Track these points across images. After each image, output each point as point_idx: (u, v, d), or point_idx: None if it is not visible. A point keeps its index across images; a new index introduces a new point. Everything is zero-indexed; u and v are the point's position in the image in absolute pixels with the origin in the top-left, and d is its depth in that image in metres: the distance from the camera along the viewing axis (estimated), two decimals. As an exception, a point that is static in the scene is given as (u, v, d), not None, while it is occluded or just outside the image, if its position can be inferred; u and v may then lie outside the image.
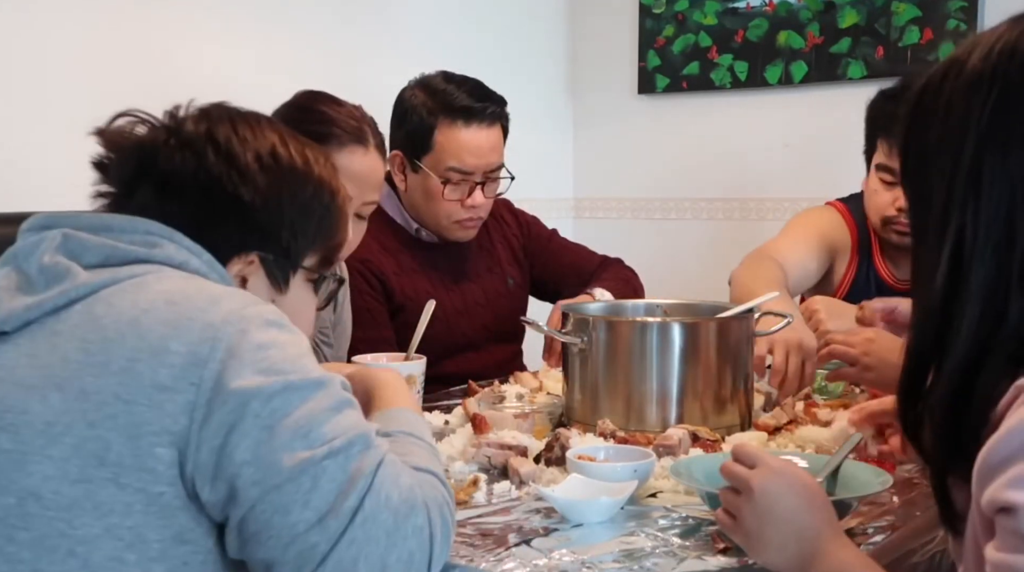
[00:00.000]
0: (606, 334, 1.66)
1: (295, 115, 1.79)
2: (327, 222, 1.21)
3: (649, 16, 3.41)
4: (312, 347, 1.91)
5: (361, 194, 1.76)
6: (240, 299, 1.02)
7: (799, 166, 3.18)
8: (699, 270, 3.32)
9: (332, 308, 2.00)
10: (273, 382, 0.97)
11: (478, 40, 3.17)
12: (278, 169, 1.15)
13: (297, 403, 0.98)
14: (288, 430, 0.97)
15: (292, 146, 1.18)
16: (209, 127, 1.14)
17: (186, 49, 2.38)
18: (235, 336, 0.98)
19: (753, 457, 1.09)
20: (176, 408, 0.96)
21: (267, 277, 1.16)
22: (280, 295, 1.18)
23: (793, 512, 1.04)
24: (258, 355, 0.98)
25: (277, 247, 1.16)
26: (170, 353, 0.97)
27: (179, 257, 1.07)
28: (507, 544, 1.18)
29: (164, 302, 1.00)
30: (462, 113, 2.18)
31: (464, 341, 2.29)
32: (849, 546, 1.03)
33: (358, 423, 1.02)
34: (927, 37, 2.92)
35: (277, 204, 1.14)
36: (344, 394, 1.04)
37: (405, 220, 2.30)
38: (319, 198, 1.19)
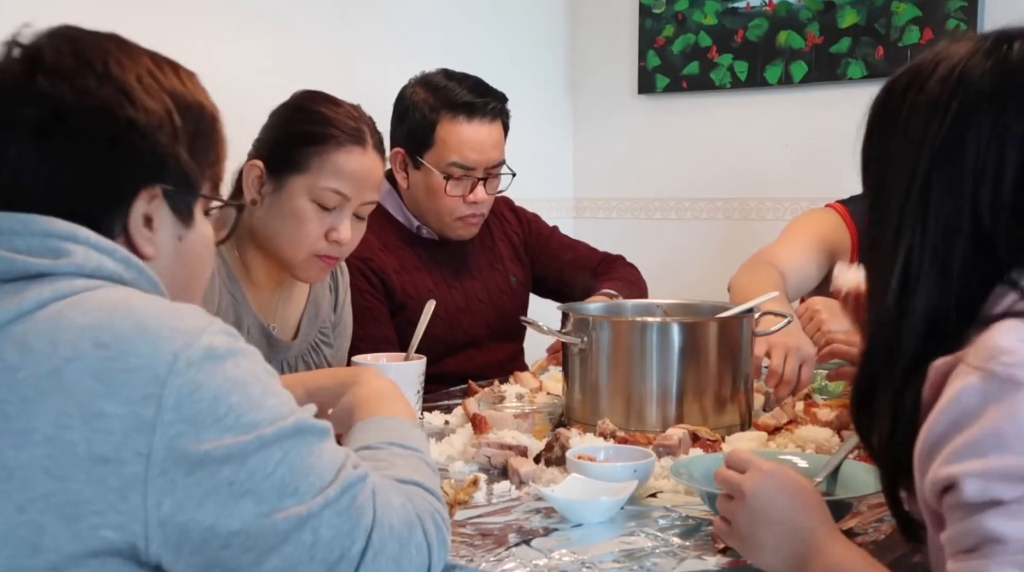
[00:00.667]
0: (606, 334, 1.66)
1: (292, 115, 1.80)
2: (212, 147, 1.08)
3: (649, 16, 3.41)
4: (312, 347, 1.93)
5: (360, 194, 1.76)
6: (180, 325, 0.88)
7: (799, 166, 3.18)
8: (699, 270, 3.32)
9: (333, 307, 2.00)
10: (246, 441, 0.86)
11: (478, 40, 3.17)
12: (161, 90, 1.01)
13: (277, 458, 0.88)
14: (274, 491, 0.87)
15: (165, 66, 1.05)
16: (76, 50, 0.98)
17: (185, 48, 2.36)
18: (186, 389, 0.85)
19: (744, 461, 1.09)
20: (121, 482, 0.83)
21: (172, 211, 1.02)
22: (187, 230, 1.04)
23: (786, 512, 1.04)
24: (219, 409, 0.86)
25: (178, 175, 1.01)
26: (106, 417, 0.83)
27: (90, 264, 0.92)
28: (507, 544, 1.18)
29: (90, 345, 0.85)
30: (464, 108, 2.19)
31: (466, 339, 2.29)
32: (844, 542, 1.03)
33: (339, 458, 0.94)
34: (927, 37, 2.92)
35: (171, 130, 1.00)
36: (319, 425, 0.94)
37: (406, 218, 2.30)
38: (203, 120, 1.06)
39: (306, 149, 1.73)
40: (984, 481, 0.82)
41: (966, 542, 0.85)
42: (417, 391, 1.78)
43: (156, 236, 1.01)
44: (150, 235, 1.00)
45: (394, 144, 2.26)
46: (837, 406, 1.73)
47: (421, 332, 1.83)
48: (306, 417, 0.93)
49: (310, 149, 1.73)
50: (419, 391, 1.79)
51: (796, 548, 1.02)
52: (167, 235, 1.02)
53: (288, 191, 1.75)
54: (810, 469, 1.31)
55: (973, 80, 0.95)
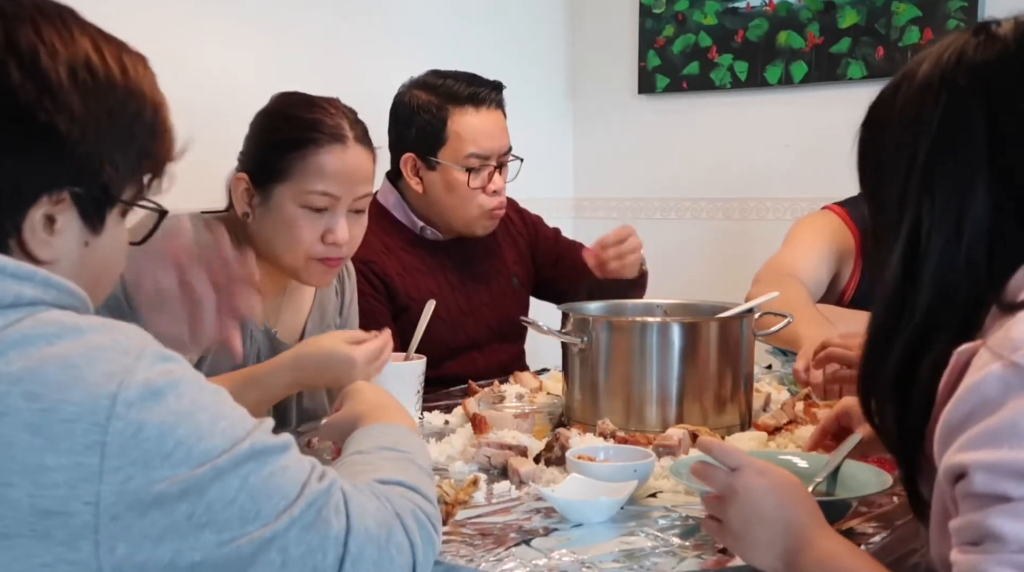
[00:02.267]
0: (606, 334, 1.66)
1: (267, 123, 1.77)
2: (151, 144, 0.99)
3: (649, 16, 3.41)
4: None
5: (350, 190, 1.73)
6: (111, 367, 0.83)
7: (799, 166, 3.18)
8: (699, 270, 3.32)
9: (339, 310, 1.99)
10: (200, 474, 0.83)
11: (478, 40, 3.17)
12: (95, 85, 0.93)
13: (236, 485, 0.85)
14: (235, 519, 0.85)
15: (108, 53, 0.96)
16: (6, 31, 0.90)
17: (184, 48, 2.38)
18: (128, 432, 0.81)
19: (735, 458, 1.09)
20: (69, 534, 0.80)
21: (80, 216, 0.94)
22: (94, 236, 0.96)
23: (777, 509, 1.04)
24: (166, 445, 0.82)
25: (94, 181, 0.94)
26: (47, 470, 0.79)
27: (8, 296, 0.86)
28: (507, 544, 1.18)
29: (22, 397, 0.80)
30: (470, 99, 2.21)
31: (468, 341, 2.29)
32: (835, 537, 1.04)
33: (303, 472, 0.91)
34: (927, 37, 2.92)
35: (95, 132, 0.92)
36: (277, 442, 0.91)
37: (409, 219, 2.29)
38: (142, 117, 0.98)
39: (286, 156, 1.71)
40: (993, 474, 0.82)
41: (969, 535, 0.85)
42: (417, 391, 1.78)
43: (56, 239, 0.93)
44: (48, 238, 0.93)
45: (401, 151, 2.26)
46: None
47: (421, 332, 1.83)
48: (262, 437, 0.90)
49: (290, 155, 1.71)
50: (419, 391, 1.79)
51: (788, 543, 1.02)
52: (71, 239, 0.95)
53: (276, 201, 1.73)
54: (810, 469, 1.31)
55: (965, 55, 0.98)
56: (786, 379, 2.00)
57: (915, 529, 1.26)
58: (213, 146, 2.22)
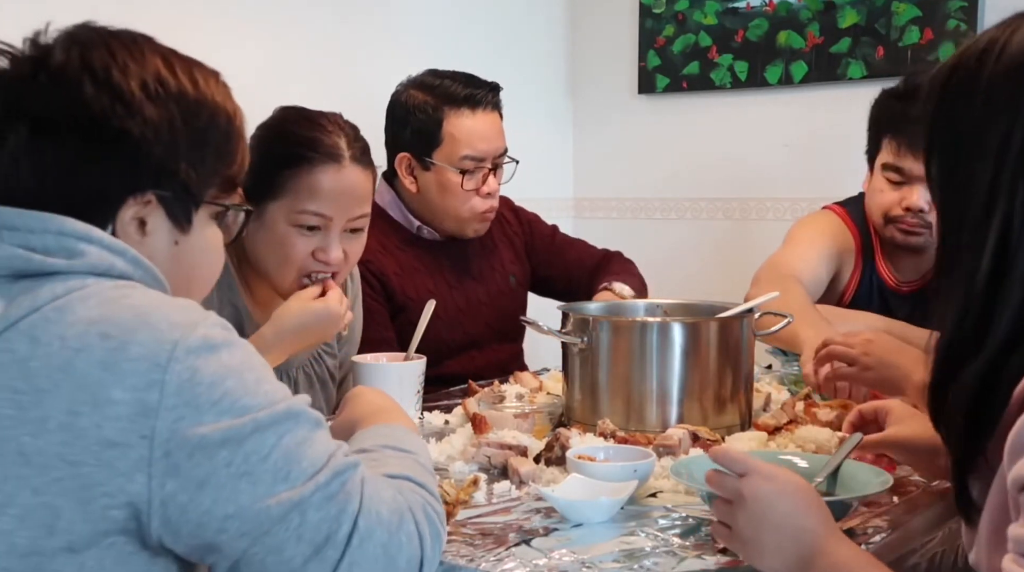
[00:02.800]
0: (606, 334, 1.66)
1: (266, 138, 1.75)
2: (226, 149, 1.09)
3: (649, 16, 3.41)
4: (314, 358, 1.90)
5: (343, 210, 1.71)
6: (178, 318, 0.92)
7: (799, 166, 3.18)
8: (699, 270, 3.32)
9: None
10: (241, 425, 0.90)
11: (478, 40, 3.17)
12: (167, 97, 1.02)
13: (272, 441, 0.92)
14: (268, 474, 0.91)
15: (179, 68, 1.05)
16: (83, 54, 1.00)
17: (185, 47, 2.38)
18: (185, 375, 0.89)
19: (742, 464, 1.08)
20: (129, 465, 0.87)
21: (167, 216, 1.05)
22: (183, 235, 1.06)
23: (787, 515, 1.03)
24: (215, 393, 0.90)
25: (175, 183, 1.03)
26: (113, 403, 0.87)
27: (103, 264, 0.97)
28: (507, 544, 1.18)
29: (97, 336, 0.89)
30: (466, 101, 2.20)
31: (467, 340, 2.29)
32: (847, 543, 1.03)
33: (332, 444, 0.98)
34: (927, 37, 2.92)
35: (170, 136, 1.02)
36: (312, 414, 0.98)
37: (406, 218, 2.29)
38: (215, 124, 1.07)
39: (280, 174, 1.70)
40: None
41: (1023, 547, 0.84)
42: (417, 391, 1.78)
43: (149, 239, 1.04)
44: (140, 239, 1.03)
45: (396, 150, 2.26)
46: (837, 406, 1.73)
47: (421, 332, 1.83)
48: (298, 403, 0.96)
49: (284, 173, 1.69)
50: (419, 391, 1.79)
51: (800, 550, 1.02)
52: (162, 239, 1.05)
53: (268, 218, 1.71)
54: (810, 469, 1.31)
55: None
56: (786, 379, 2.00)
57: (915, 529, 1.26)
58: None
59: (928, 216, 2.14)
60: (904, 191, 2.16)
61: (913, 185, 2.13)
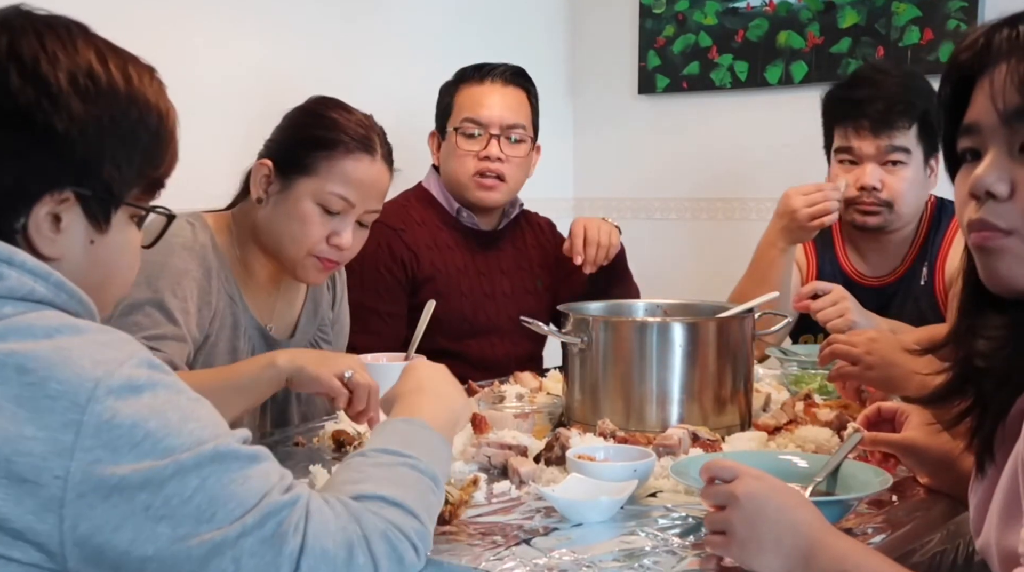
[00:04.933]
0: (606, 334, 1.66)
1: (305, 119, 1.81)
2: (155, 150, 1.04)
3: (649, 16, 3.41)
4: (311, 345, 1.93)
5: (365, 201, 1.78)
6: (102, 357, 0.89)
7: (799, 166, 3.18)
8: (698, 270, 3.32)
9: (331, 305, 2.00)
10: (162, 467, 0.87)
11: (478, 40, 3.17)
12: (97, 92, 0.98)
13: (195, 484, 0.88)
14: (189, 517, 0.87)
15: (112, 63, 1.01)
16: (12, 42, 0.96)
17: (185, 47, 2.38)
18: (105, 416, 0.86)
19: (731, 470, 1.09)
20: (38, 504, 0.84)
21: (85, 215, 1.00)
22: (100, 235, 1.01)
23: (781, 509, 1.04)
24: (136, 435, 0.87)
25: (97, 181, 0.99)
26: (25, 439, 0.84)
27: (22, 288, 0.93)
28: (507, 544, 1.18)
29: (14, 369, 0.86)
30: (475, 72, 2.37)
31: (488, 324, 2.37)
32: (844, 536, 1.04)
33: (266, 484, 0.92)
34: (927, 37, 2.92)
35: (97, 134, 0.98)
36: (245, 452, 0.93)
37: (447, 200, 2.40)
38: (145, 123, 1.02)
39: (315, 153, 1.75)
40: None
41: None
42: (417, 391, 1.78)
43: (62, 237, 0.99)
44: (53, 236, 0.99)
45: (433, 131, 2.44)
46: (837, 406, 1.73)
47: (421, 332, 1.83)
48: (229, 443, 0.92)
49: (319, 153, 1.75)
50: (419, 391, 1.79)
51: (798, 542, 1.02)
52: (76, 238, 1.00)
53: (295, 193, 1.76)
54: (810, 469, 1.31)
55: None
56: (786, 379, 2.00)
57: (915, 529, 1.26)
58: (213, 148, 2.23)
59: (882, 194, 2.24)
60: (857, 171, 2.26)
61: (864, 164, 2.25)
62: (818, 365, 1.82)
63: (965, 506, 1.13)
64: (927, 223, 2.35)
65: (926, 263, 2.33)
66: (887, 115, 2.21)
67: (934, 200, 2.38)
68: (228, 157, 1.85)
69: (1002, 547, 0.93)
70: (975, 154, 1.00)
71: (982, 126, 0.98)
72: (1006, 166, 0.96)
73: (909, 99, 2.21)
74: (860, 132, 2.24)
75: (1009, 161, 0.96)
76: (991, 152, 0.97)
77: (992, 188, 0.96)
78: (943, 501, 1.34)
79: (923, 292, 2.32)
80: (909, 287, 2.33)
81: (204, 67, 2.43)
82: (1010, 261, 0.96)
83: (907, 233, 2.34)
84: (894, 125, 2.21)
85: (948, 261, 2.30)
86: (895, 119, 2.21)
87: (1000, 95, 0.96)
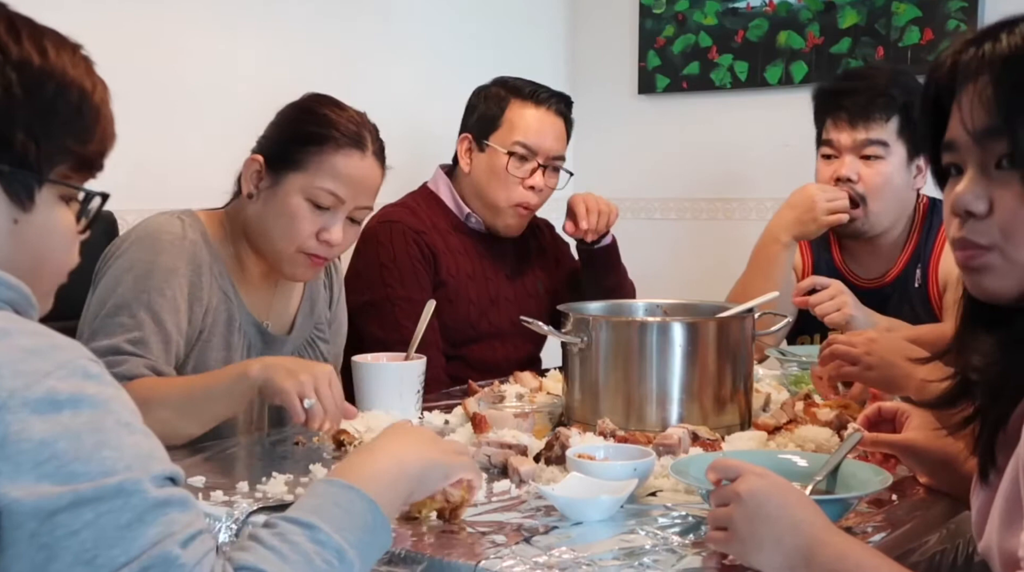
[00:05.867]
0: (606, 334, 1.66)
1: (296, 115, 1.82)
2: (79, 124, 1.00)
3: (649, 16, 3.41)
4: (308, 343, 1.93)
5: (355, 197, 1.78)
6: (25, 367, 0.85)
7: (799, 166, 3.18)
8: (698, 270, 3.32)
9: (328, 304, 2.00)
10: (58, 494, 0.82)
11: (478, 40, 3.17)
12: (5, 62, 0.95)
13: (88, 518, 0.82)
14: (69, 554, 0.82)
15: (26, 35, 0.97)
16: None
17: (186, 47, 2.38)
18: (14, 426, 0.81)
19: (735, 468, 1.10)
20: None
21: (4, 192, 0.96)
22: (25, 214, 0.97)
23: (781, 507, 1.05)
24: (41, 453, 0.82)
25: (12, 155, 0.95)
26: None
27: None
28: (507, 542, 1.18)
29: None
30: (532, 96, 2.35)
31: (491, 330, 2.37)
32: (844, 535, 1.05)
33: (163, 533, 0.85)
34: (927, 37, 2.92)
35: (7, 99, 0.94)
36: (153, 497, 0.86)
37: (457, 205, 2.39)
38: (64, 96, 0.98)
39: (306, 148, 1.75)
40: None
41: None
42: (417, 391, 1.79)
43: None
44: None
45: (463, 132, 2.39)
46: (837, 406, 1.73)
47: (421, 332, 1.84)
48: (139, 479, 0.86)
49: (310, 149, 1.75)
50: (419, 391, 1.79)
51: (798, 541, 1.02)
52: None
53: (285, 188, 1.76)
54: (810, 468, 1.31)
55: None
56: (786, 379, 2.00)
57: (915, 529, 1.26)
58: (213, 149, 2.23)
59: (858, 187, 2.26)
60: (835, 164, 2.30)
61: (843, 156, 2.29)
62: (818, 365, 1.82)
63: (965, 506, 1.14)
64: (920, 225, 2.35)
65: (919, 265, 2.33)
66: (866, 107, 2.23)
67: (927, 201, 2.37)
68: (228, 158, 1.85)
69: (1003, 550, 0.93)
70: (959, 169, 1.02)
71: (958, 144, 1.00)
72: (983, 184, 0.98)
73: (890, 93, 2.22)
74: (839, 124, 2.28)
75: (985, 179, 0.99)
76: (968, 170, 1.00)
77: (970, 206, 0.99)
78: (943, 500, 1.34)
79: (917, 294, 2.32)
80: (904, 289, 2.33)
81: (204, 68, 2.43)
82: (994, 276, 1.00)
83: (899, 235, 2.34)
84: (871, 117, 2.23)
85: (941, 263, 2.30)
86: (873, 111, 2.23)
87: (968, 116, 0.98)
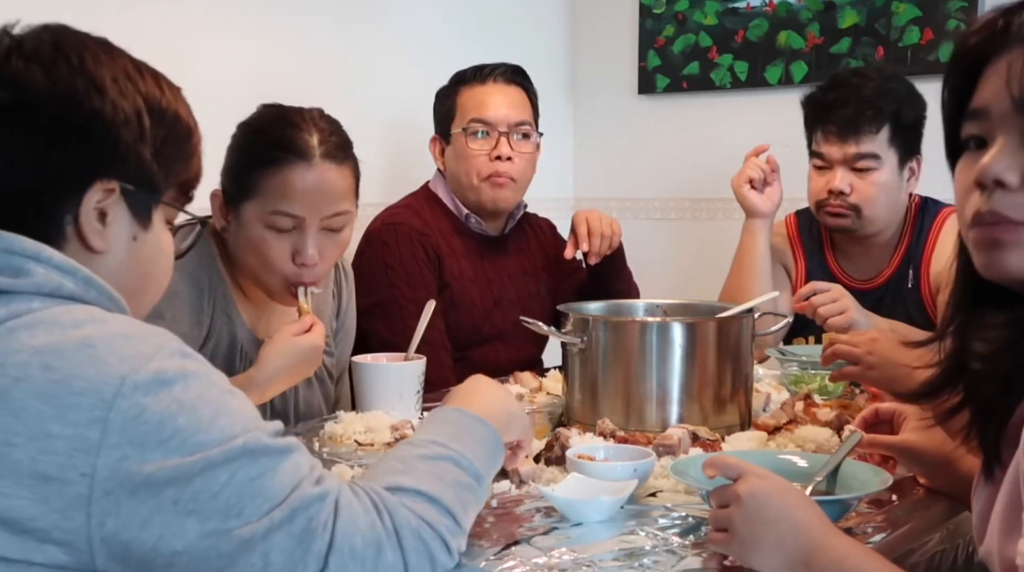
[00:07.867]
0: (606, 334, 1.66)
1: (240, 138, 1.75)
2: (185, 153, 1.10)
3: (649, 16, 3.41)
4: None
5: (315, 209, 1.67)
6: (129, 351, 0.89)
7: (799, 166, 3.18)
8: (698, 270, 3.32)
9: (335, 313, 1.98)
10: (191, 463, 0.87)
11: (478, 40, 3.17)
12: (136, 92, 1.03)
13: (224, 479, 0.88)
14: (217, 512, 0.87)
15: (147, 73, 1.07)
16: (56, 41, 1.01)
17: (186, 47, 2.38)
18: (132, 412, 0.86)
19: (736, 468, 1.09)
20: (65, 503, 0.84)
21: (129, 210, 1.03)
22: (143, 231, 1.05)
23: (783, 509, 1.04)
24: (164, 431, 0.86)
25: (140, 173, 1.03)
26: (51, 437, 0.84)
27: (49, 285, 0.94)
28: (507, 543, 1.18)
29: (39, 367, 0.86)
30: (475, 75, 2.37)
31: (494, 332, 2.37)
32: (846, 537, 1.04)
33: (296, 477, 0.92)
34: (927, 37, 2.92)
35: (139, 125, 1.02)
36: (276, 445, 0.93)
37: (456, 207, 2.39)
38: (177, 129, 1.08)
39: (253, 173, 1.67)
40: None
41: None
42: (417, 391, 1.78)
43: (108, 231, 1.02)
44: (101, 229, 1.01)
45: (432, 137, 2.42)
46: (837, 406, 1.73)
47: (421, 332, 1.83)
48: (259, 437, 0.92)
49: (256, 172, 1.67)
50: (419, 391, 1.79)
51: (798, 542, 1.02)
52: (121, 232, 1.04)
53: (244, 219, 1.69)
54: (810, 469, 1.31)
55: None
56: (786, 379, 2.00)
57: (915, 529, 1.26)
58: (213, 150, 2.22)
59: (850, 198, 2.27)
60: (828, 175, 2.31)
61: (835, 169, 2.29)
62: (821, 365, 1.82)
63: (965, 506, 1.13)
64: (911, 224, 2.35)
65: (912, 266, 2.33)
66: (854, 121, 2.23)
67: (918, 200, 2.37)
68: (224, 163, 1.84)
69: (1003, 557, 0.93)
70: (979, 142, 0.96)
71: (992, 112, 0.94)
72: (1017, 154, 0.92)
73: (878, 104, 2.22)
74: (828, 138, 2.29)
75: (1020, 149, 0.93)
76: (1000, 139, 0.93)
77: (1001, 176, 0.91)
78: (943, 501, 1.34)
79: (911, 295, 2.32)
80: (897, 290, 2.33)
81: (203, 70, 2.42)
82: (1020, 254, 0.93)
83: (891, 235, 2.34)
84: (861, 131, 2.23)
85: (932, 264, 2.30)
86: (862, 125, 2.22)
87: (1017, 80, 0.92)
